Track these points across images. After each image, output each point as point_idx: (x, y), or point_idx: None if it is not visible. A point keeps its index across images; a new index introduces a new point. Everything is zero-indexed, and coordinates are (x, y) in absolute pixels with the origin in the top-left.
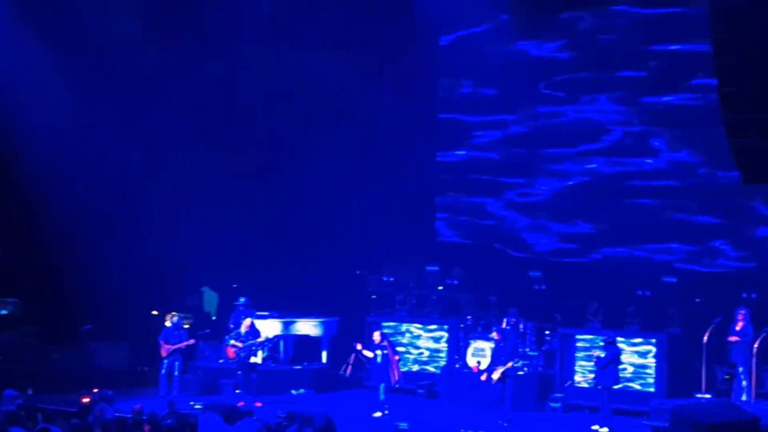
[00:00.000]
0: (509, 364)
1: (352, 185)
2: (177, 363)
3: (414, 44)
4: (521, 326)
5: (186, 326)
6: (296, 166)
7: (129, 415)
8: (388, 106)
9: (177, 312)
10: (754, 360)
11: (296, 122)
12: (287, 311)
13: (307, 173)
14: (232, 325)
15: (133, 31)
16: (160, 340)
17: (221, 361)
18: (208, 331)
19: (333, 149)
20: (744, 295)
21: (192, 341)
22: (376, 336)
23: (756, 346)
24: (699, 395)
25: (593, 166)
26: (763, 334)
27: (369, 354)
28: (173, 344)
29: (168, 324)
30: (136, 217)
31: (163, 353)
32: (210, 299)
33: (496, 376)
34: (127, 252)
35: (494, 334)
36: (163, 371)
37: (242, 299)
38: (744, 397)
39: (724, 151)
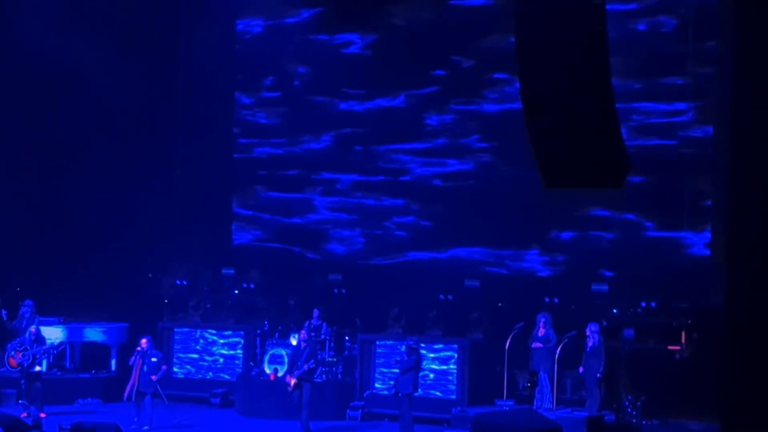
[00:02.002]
0: (305, 368)
1: (143, 182)
2: None
3: (210, 32)
4: (322, 331)
5: None
6: (82, 162)
7: None
8: (182, 100)
9: None
10: (555, 366)
11: (82, 116)
12: (74, 316)
13: (95, 170)
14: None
15: None
16: None
17: (2, 369)
18: None
19: (123, 145)
20: (546, 300)
21: None
22: (143, 343)
23: (558, 352)
24: (500, 402)
25: (401, 165)
26: (566, 340)
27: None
28: None
29: None
30: None
31: None
32: None
33: (293, 381)
34: None
35: (294, 339)
36: None
37: (28, 302)
38: (545, 405)
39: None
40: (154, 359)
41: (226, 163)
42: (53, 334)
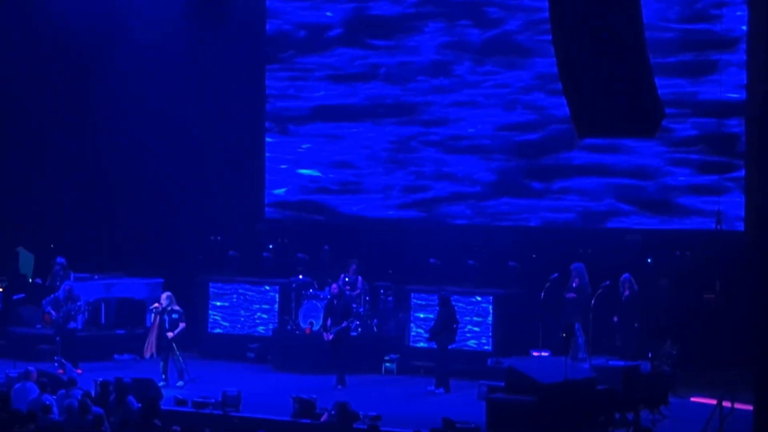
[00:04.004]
0: (342, 326)
1: (174, 139)
2: None
3: None
4: (357, 285)
5: (0, 290)
6: (115, 117)
7: None
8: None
9: None
10: (590, 317)
11: (115, 71)
12: (109, 272)
13: (127, 124)
14: (48, 285)
15: None
16: None
17: (39, 326)
18: (23, 295)
19: (156, 99)
20: (580, 251)
21: None
22: (163, 299)
23: (592, 302)
24: (535, 353)
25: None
26: (600, 291)
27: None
28: None
29: None
30: None
31: None
32: (25, 261)
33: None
34: None
35: (332, 289)
36: None
37: (60, 259)
38: (580, 355)
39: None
40: (174, 315)
41: (257, 114)
42: (90, 290)
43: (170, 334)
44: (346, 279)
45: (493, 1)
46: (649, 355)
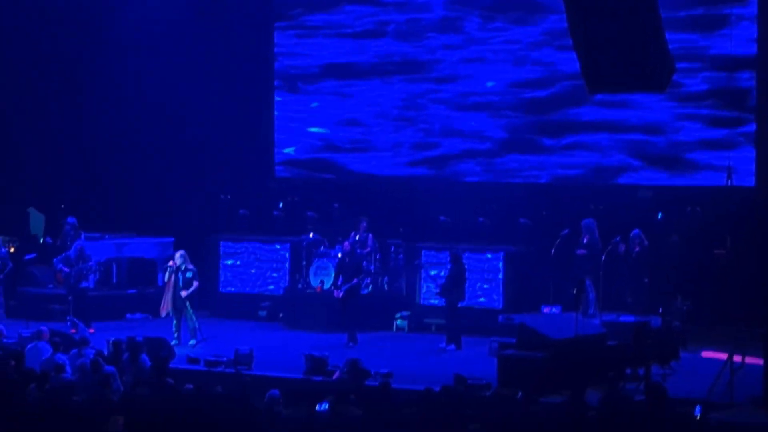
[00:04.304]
0: (352, 283)
1: (184, 98)
2: None
3: None
4: (368, 242)
5: (11, 250)
6: (125, 76)
7: None
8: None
9: (0, 235)
10: (601, 273)
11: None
12: (120, 232)
13: (136, 83)
14: (59, 245)
15: None
16: None
17: (51, 286)
18: (35, 255)
19: (160, 59)
20: (591, 207)
21: (8, 266)
22: (177, 257)
23: (603, 258)
24: (546, 309)
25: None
26: (610, 247)
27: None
28: None
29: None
30: None
31: None
32: (36, 220)
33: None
34: None
35: (343, 247)
36: None
37: (70, 219)
38: (591, 311)
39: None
40: (188, 274)
41: (266, 73)
42: (101, 249)
43: (184, 293)
44: (357, 237)
45: None
46: (660, 311)
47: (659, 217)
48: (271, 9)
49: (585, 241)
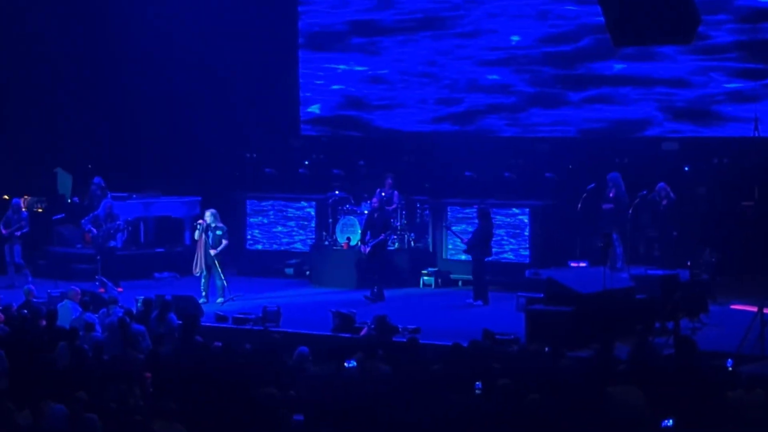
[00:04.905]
0: (380, 238)
1: (209, 57)
2: (16, 249)
3: None
4: (394, 199)
5: (39, 210)
6: (146, 39)
7: None
8: None
9: (29, 195)
10: (628, 226)
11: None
12: (146, 191)
13: (161, 45)
14: (87, 205)
15: None
16: None
17: (79, 246)
18: (63, 215)
19: (185, 18)
20: (617, 160)
21: (24, 229)
22: (207, 216)
23: (630, 212)
24: (574, 264)
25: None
26: (637, 200)
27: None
28: (9, 228)
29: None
30: None
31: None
32: (64, 180)
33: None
34: None
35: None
36: (7, 258)
37: (97, 179)
38: (619, 265)
39: None
40: (218, 232)
41: (290, 30)
42: (128, 209)
43: (213, 251)
44: (382, 194)
45: None
46: (688, 264)
47: (686, 169)
48: None
49: (611, 195)
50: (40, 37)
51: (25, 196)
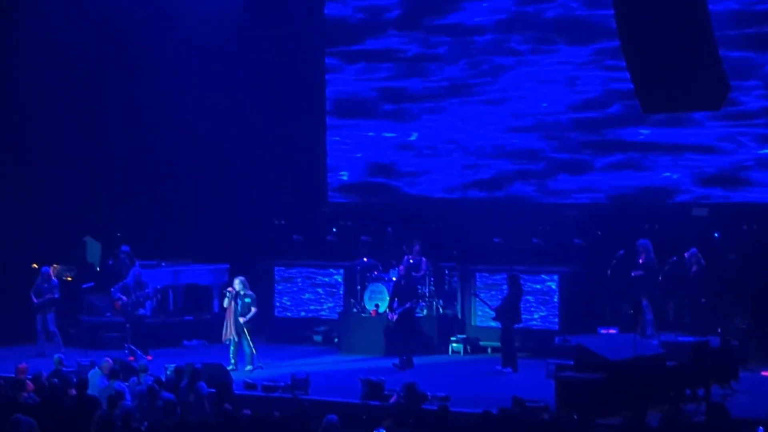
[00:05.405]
0: (406, 306)
1: (237, 124)
2: (49, 317)
3: None
4: (422, 266)
5: (69, 279)
6: (175, 107)
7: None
8: (273, 44)
9: (58, 264)
10: (657, 293)
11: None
12: (175, 259)
13: (190, 113)
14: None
15: None
16: (30, 294)
17: (108, 314)
18: (92, 283)
19: (213, 85)
20: (646, 227)
21: (54, 296)
22: (236, 283)
23: (659, 278)
24: (603, 330)
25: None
26: (667, 267)
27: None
28: (41, 297)
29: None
30: (10, 167)
31: (34, 307)
32: (93, 249)
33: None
34: (4, 202)
35: (399, 270)
36: (38, 327)
37: (124, 248)
38: (649, 331)
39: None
40: (247, 300)
41: (318, 98)
42: (157, 277)
43: (242, 319)
44: (410, 260)
45: None
46: (719, 330)
47: (716, 235)
48: (323, 34)
49: (641, 261)
50: (68, 107)
51: (55, 265)
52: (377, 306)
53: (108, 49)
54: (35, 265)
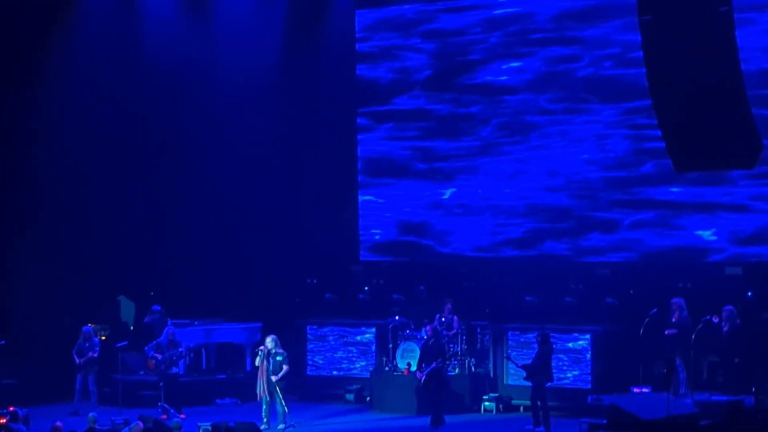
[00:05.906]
0: (433, 366)
1: (269, 184)
2: (90, 376)
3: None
4: (453, 324)
5: (103, 338)
6: (207, 165)
7: None
8: (306, 104)
9: (93, 323)
10: (691, 352)
11: (211, 120)
12: (208, 318)
13: (222, 171)
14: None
15: None
16: (73, 354)
17: (142, 373)
18: (126, 342)
19: (245, 145)
20: (679, 285)
21: (94, 355)
22: (268, 342)
23: (693, 337)
24: (636, 389)
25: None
26: (701, 326)
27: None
28: (83, 357)
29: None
30: (46, 227)
31: (76, 366)
32: (127, 309)
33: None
34: (40, 262)
35: (426, 330)
36: (78, 386)
37: (156, 307)
38: (682, 390)
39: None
40: (279, 358)
41: (350, 157)
42: (191, 335)
43: (275, 378)
44: (442, 319)
45: (583, 39)
46: (753, 390)
47: (750, 294)
48: (354, 94)
49: (674, 319)
50: (97, 164)
51: (90, 324)
52: (409, 365)
53: (147, 107)
54: (67, 322)
